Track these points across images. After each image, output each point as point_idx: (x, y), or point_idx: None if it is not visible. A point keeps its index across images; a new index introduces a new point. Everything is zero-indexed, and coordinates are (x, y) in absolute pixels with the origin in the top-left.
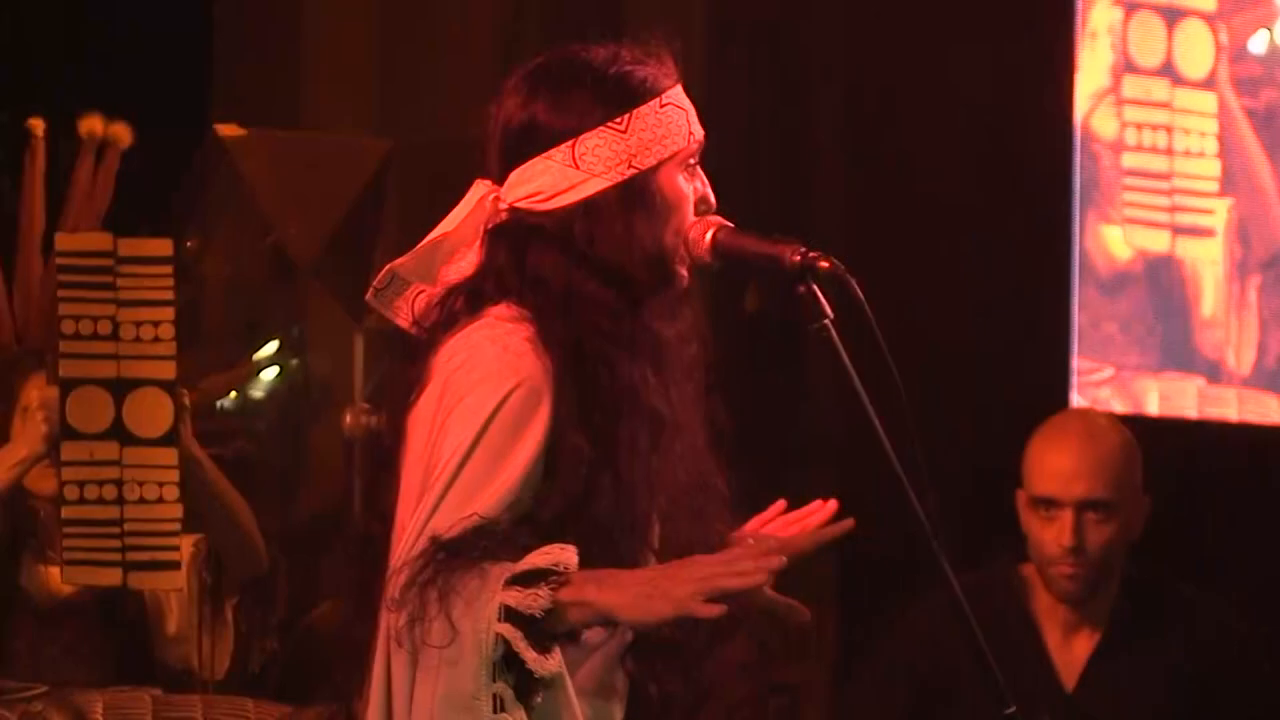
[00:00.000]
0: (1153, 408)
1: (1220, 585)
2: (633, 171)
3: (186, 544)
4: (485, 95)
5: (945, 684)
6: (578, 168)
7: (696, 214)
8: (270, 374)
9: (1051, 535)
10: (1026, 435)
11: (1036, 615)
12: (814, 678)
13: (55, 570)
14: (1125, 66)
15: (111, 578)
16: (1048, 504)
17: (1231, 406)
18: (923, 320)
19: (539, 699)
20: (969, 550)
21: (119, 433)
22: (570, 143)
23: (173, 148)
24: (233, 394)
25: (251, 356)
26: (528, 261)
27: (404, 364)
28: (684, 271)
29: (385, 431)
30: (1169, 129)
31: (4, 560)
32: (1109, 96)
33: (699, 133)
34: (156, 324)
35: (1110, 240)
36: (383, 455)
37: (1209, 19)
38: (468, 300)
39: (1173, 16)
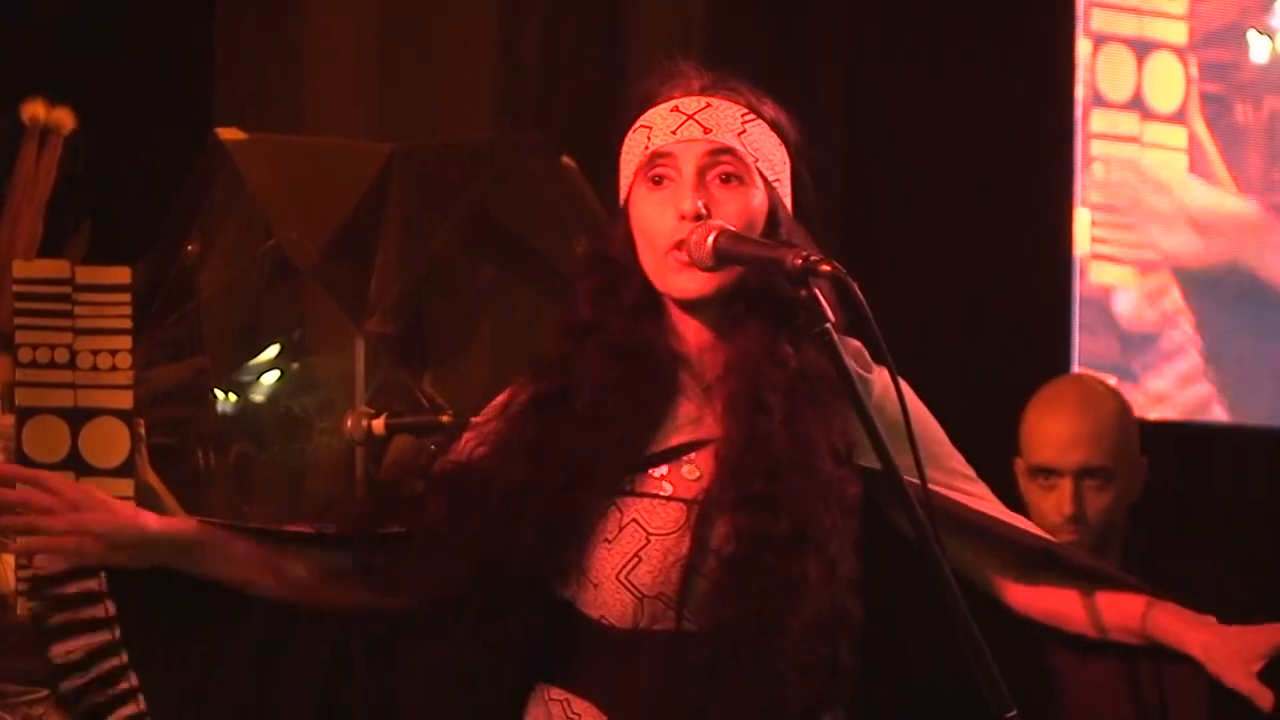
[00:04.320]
0: (1152, 414)
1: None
2: (622, 201)
3: None
4: (486, 99)
5: None
6: None
7: (673, 221)
8: (271, 377)
9: (1051, 504)
10: (1020, 425)
11: None
12: None
13: (9, 558)
14: (1094, 100)
15: None
16: (1046, 472)
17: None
18: (923, 324)
19: None
20: None
21: (75, 462)
22: None
23: (174, 151)
24: (232, 396)
25: (205, 354)
26: None
27: None
28: (678, 282)
29: None
30: (1138, 163)
31: None
32: (1078, 130)
33: (656, 143)
34: (114, 353)
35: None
36: None
37: (1179, 52)
38: None
39: (1143, 49)
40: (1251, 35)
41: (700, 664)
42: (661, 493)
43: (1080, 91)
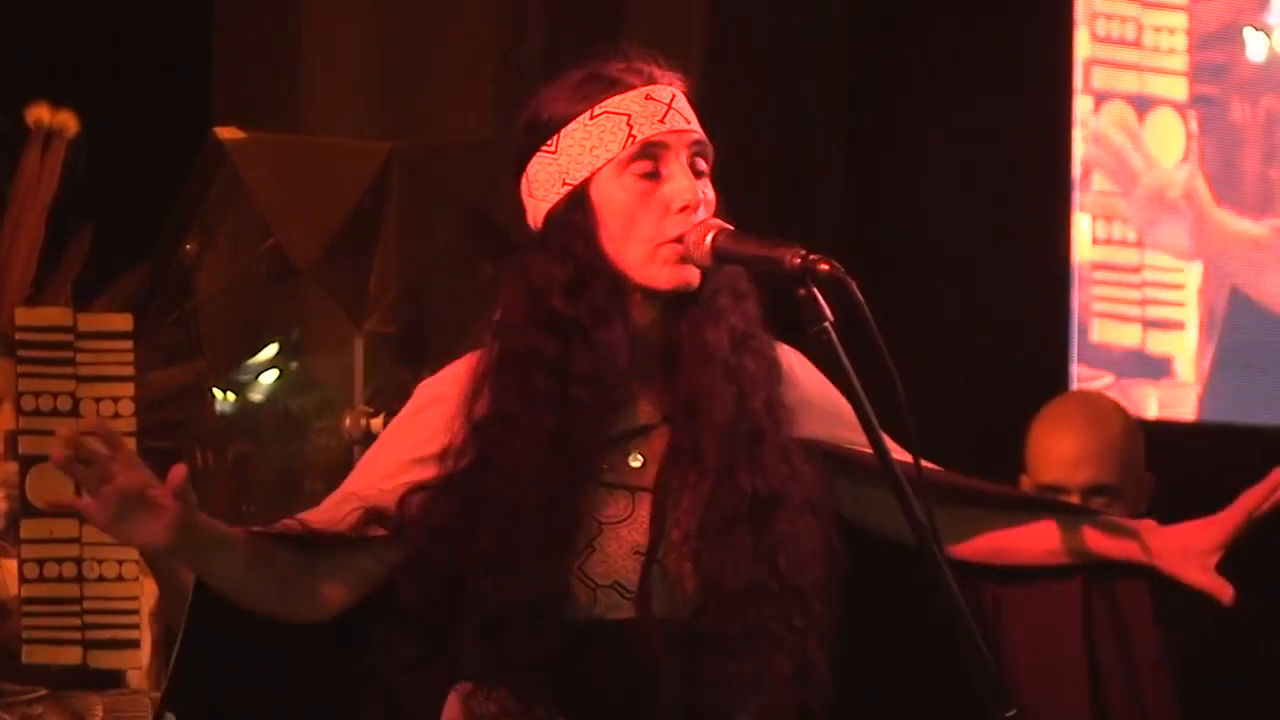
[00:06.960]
0: (1152, 413)
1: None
2: (567, 189)
3: (152, 588)
4: (486, 98)
5: None
6: (532, 196)
7: (671, 214)
8: (270, 377)
9: None
10: (1026, 443)
11: None
12: None
13: (11, 564)
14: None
15: (71, 656)
16: (1053, 491)
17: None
18: (923, 324)
19: None
20: None
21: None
22: (525, 175)
23: (173, 151)
24: (231, 395)
25: (204, 357)
26: None
27: None
28: (674, 275)
29: None
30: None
31: None
32: (1075, 189)
33: (646, 132)
34: (116, 400)
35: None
36: None
37: (1179, 108)
38: None
39: (1143, 105)
40: (1248, 33)
41: (663, 651)
42: (608, 480)
43: (1079, 149)
